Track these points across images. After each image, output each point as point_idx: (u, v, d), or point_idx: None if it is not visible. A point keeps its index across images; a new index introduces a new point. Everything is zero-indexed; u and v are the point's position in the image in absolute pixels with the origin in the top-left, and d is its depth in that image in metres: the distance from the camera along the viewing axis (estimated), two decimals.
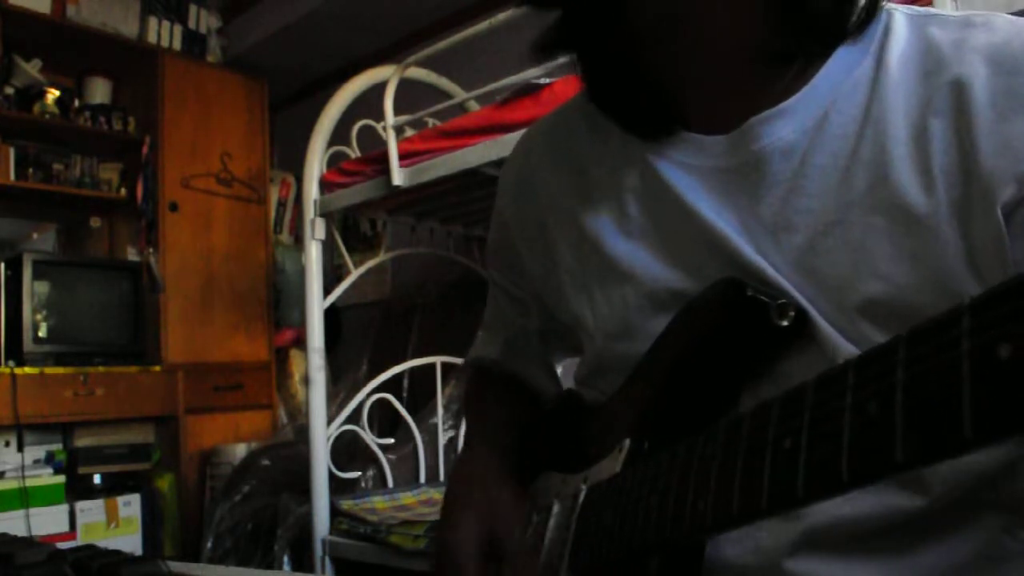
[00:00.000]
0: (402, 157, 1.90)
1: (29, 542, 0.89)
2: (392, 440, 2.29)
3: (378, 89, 2.06)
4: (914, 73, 0.50)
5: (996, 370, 0.24)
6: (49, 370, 2.66)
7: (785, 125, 0.52)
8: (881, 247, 0.48)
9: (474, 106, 2.19)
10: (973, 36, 0.49)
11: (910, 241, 0.48)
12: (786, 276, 0.51)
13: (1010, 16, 0.50)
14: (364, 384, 2.27)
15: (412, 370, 2.40)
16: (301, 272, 2.72)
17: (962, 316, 0.26)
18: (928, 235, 0.47)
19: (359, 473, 2.19)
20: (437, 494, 2.15)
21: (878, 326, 0.48)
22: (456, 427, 2.31)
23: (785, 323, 0.49)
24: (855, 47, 0.52)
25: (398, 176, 1.89)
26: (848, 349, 0.49)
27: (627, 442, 0.54)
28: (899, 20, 0.53)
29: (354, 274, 2.21)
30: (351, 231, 3.18)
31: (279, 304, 3.31)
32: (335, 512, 2.03)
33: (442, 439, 2.29)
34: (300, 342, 3.17)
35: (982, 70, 0.48)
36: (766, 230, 0.52)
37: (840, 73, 0.52)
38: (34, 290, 2.70)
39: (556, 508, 0.58)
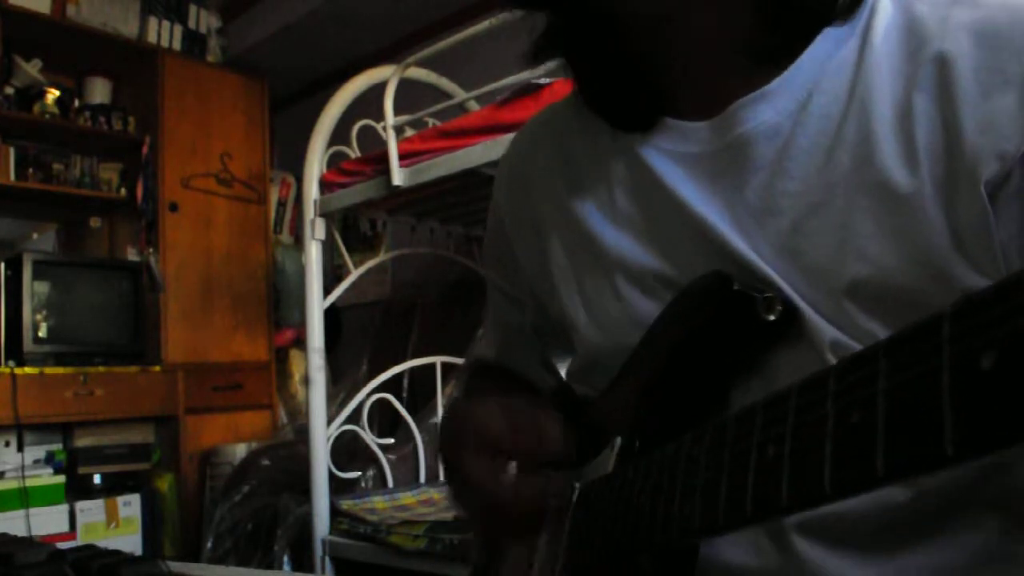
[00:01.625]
0: (402, 157, 1.90)
1: (29, 542, 0.89)
2: (392, 440, 2.29)
3: (378, 89, 2.06)
4: (899, 51, 0.50)
5: (977, 381, 0.23)
6: (49, 370, 2.66)
7: (768, 108, 0.52)
8: (865, 227, 0.48)
9: (474, 106, 2.19)
10: (958, 12, 0.49)
11: (894, 220, 0.47)
12: (771, 261, 0.51)
13: None
14: (364, 384, 2.27)
15: (412, 370, 2.40)
16: (301, 272, 2.73)
17: (943, 322, 0.25)
18: (912, 214, 0.47)
19: (359, 473, 2.19)
20: (437, 494, 2.15)
21: (866, 309, 0.48)
22: None
23: (772, 317, 0.49)
24: (840, 27, 0.52)
25: (398, 176, 1.89)
26: (837, 339, 0.49)
27: (618, 440, 0.54)
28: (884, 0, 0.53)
29: (354, 274, 2.21)
30: (351, 231, 3.18)
31: (279, 304, 3.31)
32: (335, 512, 2.03)
33: None
34: (300, 342, 3.17)
35: (966, 46, 0.47)
36: (751, 214, 0.52)
37: (824, 54, 0.52)
38: (34, 290, 2.70)
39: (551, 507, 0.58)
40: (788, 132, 0.51)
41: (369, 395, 2.19)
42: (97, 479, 2.83)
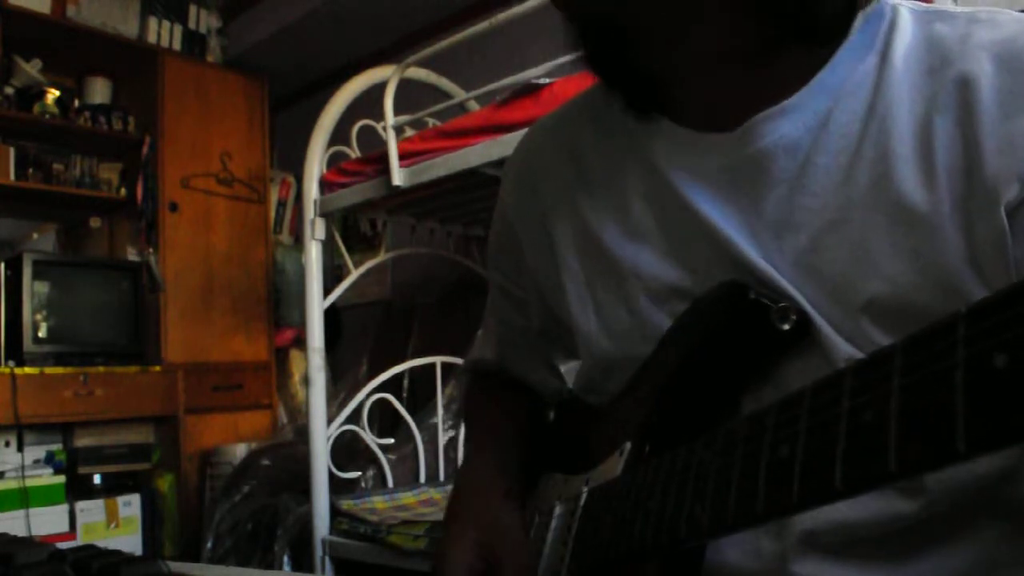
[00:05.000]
0: (402, 157, 1.90)
1: (29, 542, 0.88)
2: (392, 440, 2.29)
3: (378, 89, 2.06)
4: (919, 69, 0.50)
5: (991, 380, 0.24)
6: (49, 370, 2.66)
7: (788, 123, 0.52)
8: (882, 245, 0.48)
9: (474, 106, 2.19)
10: (979, 32, 0.49)
11: (911, 239, 0.47)
12: (788, 275, 0.51)
13: (1016, 13, 0.50)
14: (364, 384, 2.26)
15: (412, 370, 2.40)
16: (301, 272, 2.72)
17: (958, 324, 0.26)
18: (930, 233, 0.47)
19: (359, 473, 2.19)
20: (437, 494, 2.14)
21: (881, 326, 0.48)
22: (456, 427, 2.31)
23: (787, 327, 0.49)
24: (860, 44, 0.52)
25: (398, 176, 1.89)
26: (850, 352, 0.49)
27: (628, 445, 0.53)
28: (904, 17, 0.52)
29: (354, 274, 2.21)
30: (351, 231, 3.18)
31: (279, 304, 3.31)
32: (335, 512, 2.03)
33: (442, 439, 2.29)
34: (300, 342, 3.17)
35: (988, 67, 0.47)
36: (769, 229, 0.52)
37: (844, 70, 0.52)
38: (34, 290, 2.70)
39: (558, 510, 0.58)
40: (808, 148, 0.51)
41: (369, 395, 2.19)
42: (97, 479, 2.83)
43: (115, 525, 2.72)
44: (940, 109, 0.48)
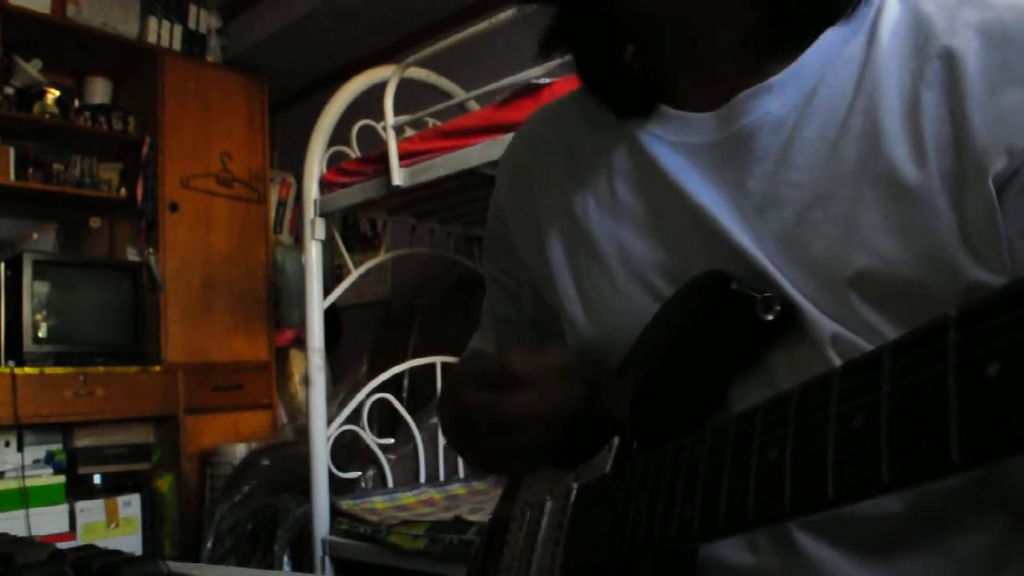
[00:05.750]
0: (402, 157, 1.90)
1: (29, 542, 0.89)
2: (392, 440, 2.29)
3: (378, 89, 2.06)
4: (906, 46, 0.50)
5: (984, 389, 0.23)
6: (49, 370, 2.66)
7: (773, 100, 0.52)
8: (871, 220, 0.48)
9: (474, 106, 2.19)
10: (966, 11, 0.49)
11: (901, 214, 0.47)
12: (773, 253, 0.51)
13: None
14: (364, 384, 2.27)
15: (412, 370, 2.40)
16: (301, 272, 2.72)
17: (948, 328, 0.25)
18: (920, 208, 0.47)
19: (359, 473, 2.19)
20: (437, 494, 2.15)
21: (869, 301, 0.48)
22: None
23: (771, 317, 0.49)
24: (846, 25, 0.53)
25: (398, 176, 1.89)
26: (838, 332, 0.48)
27: (616, 440, 0.53)
28: (891, 1, 0.53)
29: (354, 274, 2.21)
30: (351, 231, 3.18)
31: (279, 304, 3.31)
32: (335, 512, 2.03)
33: (442, 439, 2.29)
34: (300, 342, 3.17)
35: (974, 43, 0.47)
36: (754, 205, 0.52)
37: (830, 50, 0.52)
38: (34, 290, 2.70)
39: (549, 506, 0.58)
40: (793, 124, 0.52)
41: (369, 395, 2.19)
42: (97, 479, 2.83)
43: (115, 525, 2.72)
44: (927, 84, 0.48)
